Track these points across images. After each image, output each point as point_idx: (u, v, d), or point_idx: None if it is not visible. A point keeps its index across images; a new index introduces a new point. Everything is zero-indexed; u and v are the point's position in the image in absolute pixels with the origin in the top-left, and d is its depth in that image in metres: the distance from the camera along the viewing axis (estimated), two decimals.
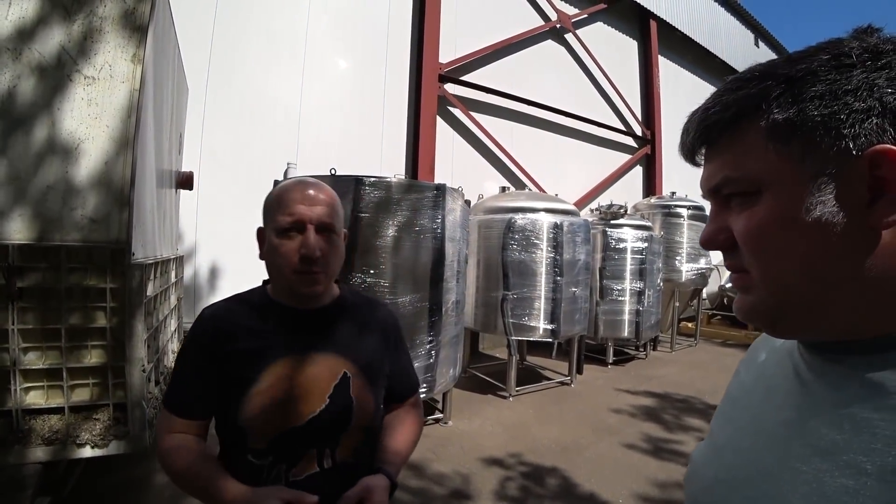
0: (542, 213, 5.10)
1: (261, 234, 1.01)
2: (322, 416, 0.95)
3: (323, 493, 0.88)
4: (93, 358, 2.26)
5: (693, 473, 0.60)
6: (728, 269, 0.52)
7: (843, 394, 0.44)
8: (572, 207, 5.63)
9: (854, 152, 0.40)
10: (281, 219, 0.94)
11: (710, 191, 0.51)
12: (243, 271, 5.20)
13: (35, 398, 2.20)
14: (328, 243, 0.96)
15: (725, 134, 0.47)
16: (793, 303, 0.46)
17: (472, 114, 7.13)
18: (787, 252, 0.44)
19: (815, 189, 0.42)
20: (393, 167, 6.39)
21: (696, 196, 8.12)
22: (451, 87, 6.93)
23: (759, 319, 0.49)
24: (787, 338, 0.53)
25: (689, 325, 8.78)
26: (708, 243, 0.52)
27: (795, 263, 0.44)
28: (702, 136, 0.50)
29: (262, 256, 1.01)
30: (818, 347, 0.49)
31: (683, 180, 10.30)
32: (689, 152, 0.52)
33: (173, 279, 3.56)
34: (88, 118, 2.25)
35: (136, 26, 2.34)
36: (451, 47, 6.95)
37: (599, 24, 9.34)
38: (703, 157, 0.52)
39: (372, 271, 3.33)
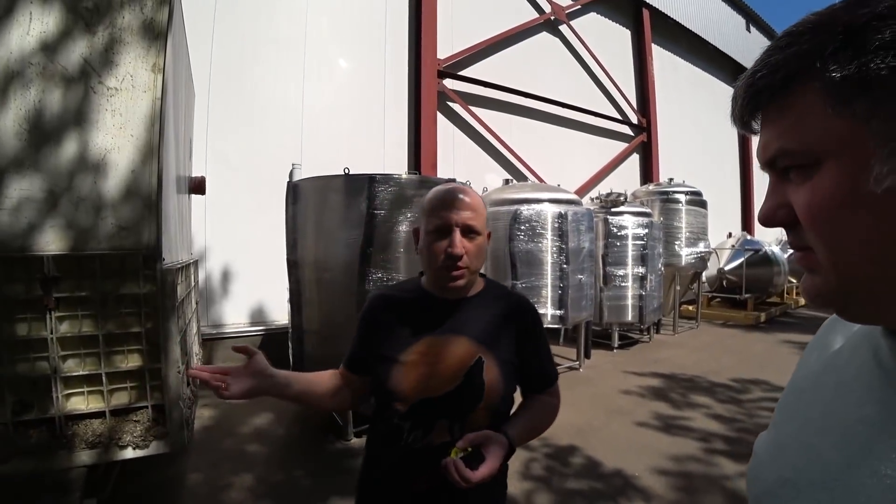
0: (547, 203, 5.19)
1: (416, 232, 1.16)
2: (455, 392, 1.08)
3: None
4: (129, 362, 2.33)
5: (756, 470, 0.55)
6: (791, 248, 0.47)
7: None
8: (575, 197, 5.72)
9: None
10: (432, 221, 1.08)
11: (765, 163, 0.46)
12: (255, 273, 5.29)
13: (76, 404, 2.26)
14: (471, 244, 1.08)
15: (777, 99, 0.42)
16: (865, 285, 0.40)
17: (472, 108, 7.19)
18: (854, 229, 0.39)
19: (886, 155, 0.36)
20: (396, 164, 6.45)
21: (692, 182, 8.24)
22: (449, 83, 6.97)
23: (828, 303, 0.44)
24: (863, 323, 0.46)
25: (690, 307, 8.93)
26: (767, 221, 0.47)
27: (865, 241, 0.39)
28: (751, 104, 0.44)
29: (417, 252, 1.16)
30: None
31: (680, 166, 10.42)
32: (739, 121, 0.47)
33: (192, 283, 3.62)
34: (113, 128, 2.29)
35: (155, 36, 2.38)
36: (448, 43, 6.99)
37: (593, 15, 9.39)
38: (759, 124, 0.47)
39: (389, 266, 3.40)
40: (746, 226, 13.63)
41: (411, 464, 1.09)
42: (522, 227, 5.03)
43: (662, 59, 10.88)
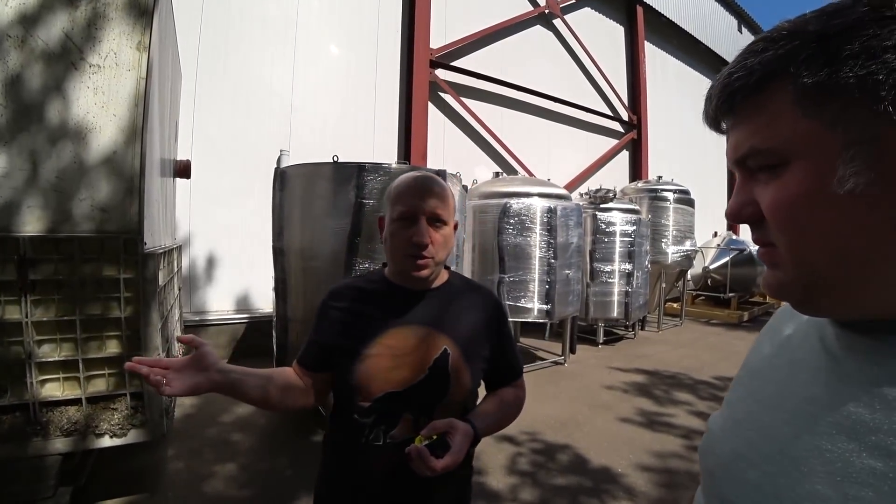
0: (536, 197, 5.18)
1: (381, 221, 1.12)
2: (420, 385, 1.05)
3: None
4: (108, 348, 2.27)
5: (709, 446, 0.58)
6: (755, 244, 0.49)
7: (876, 372, 0.41)
8: (565, 192, 5.73)
9: (894, 117, 0.36)
10: (397, 209, 1.04)
11: (735, 161, 0.48)
12: (240, 260, 5.22)
13: (51, 390, 2.20)
14: (437, 233, 1.05)
15: (750, 100, 0.44)
16: (824, 281, 0.43)
17: (463, 99, 7.14)
18: (817, 227, 0.41)
19: (849, 159, 0.38)
20: (386, 153, 6.38)
21: (681, 180, 8.31)
22: (441, 73, 6.91)
23: (788, 297, 0.47)
24: (818, 316, 0.49)
25: (675, 305, 9.04)
26: (734, 217, 0.49)
27: (826, 240, 0.41)
28: (725, 104, 0.46)
29: (381, 240, 1.11)
30: (850, 323, 0.46)
31: (669, 165, 10.51)
32: (712, 121, 0.49)
33: (175, 269, 3.54)
34: (95, 107, 2.22)
35: (141, 12, 2.30)
36: (441, 33, 6.91)
37: (587, 10, 9.36)
38: (728, 125, 0.48)
39: (376, 256, 3.37)
40: (732, 225, 13.82)
41: (372, 462, 1.04)
42: (511, 221, 5.03)
43: (654, 57, 10.91)
